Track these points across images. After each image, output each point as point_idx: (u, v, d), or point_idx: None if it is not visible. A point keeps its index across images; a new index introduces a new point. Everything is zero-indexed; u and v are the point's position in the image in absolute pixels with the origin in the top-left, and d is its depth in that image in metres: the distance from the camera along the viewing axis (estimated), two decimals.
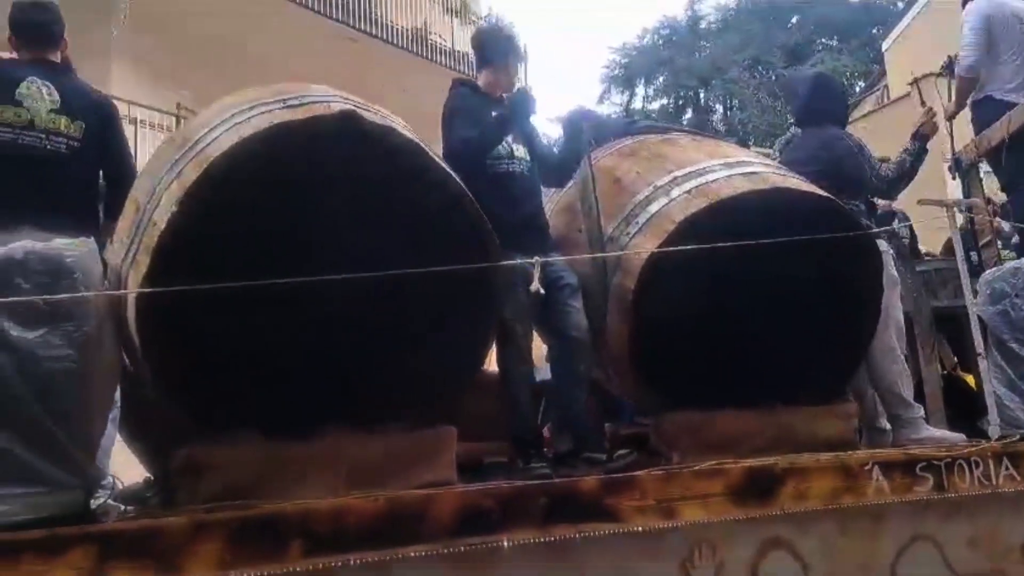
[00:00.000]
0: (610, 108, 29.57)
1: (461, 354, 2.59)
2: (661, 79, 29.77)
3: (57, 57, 2.95)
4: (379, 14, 12.45)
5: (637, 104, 30.09)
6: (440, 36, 13.92)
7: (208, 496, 2.22)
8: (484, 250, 2.53)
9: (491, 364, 2.95)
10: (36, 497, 2.06)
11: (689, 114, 28.95)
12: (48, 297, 2.09)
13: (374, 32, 12.16)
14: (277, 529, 2.04)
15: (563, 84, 36.60)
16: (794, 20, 28.91)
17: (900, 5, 21.87)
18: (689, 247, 2.67)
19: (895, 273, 3.47)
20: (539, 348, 3.14)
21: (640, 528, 2.31)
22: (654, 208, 2.91)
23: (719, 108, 29.36)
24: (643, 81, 30.22)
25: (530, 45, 15.64)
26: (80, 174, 2.85)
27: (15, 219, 2.57)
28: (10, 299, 2.09)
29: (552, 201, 3.45)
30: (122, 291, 2.28)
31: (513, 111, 3.04)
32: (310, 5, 11.28)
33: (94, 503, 2.27)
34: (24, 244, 2.20)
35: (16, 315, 2.12)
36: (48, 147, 2.78)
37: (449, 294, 2.47)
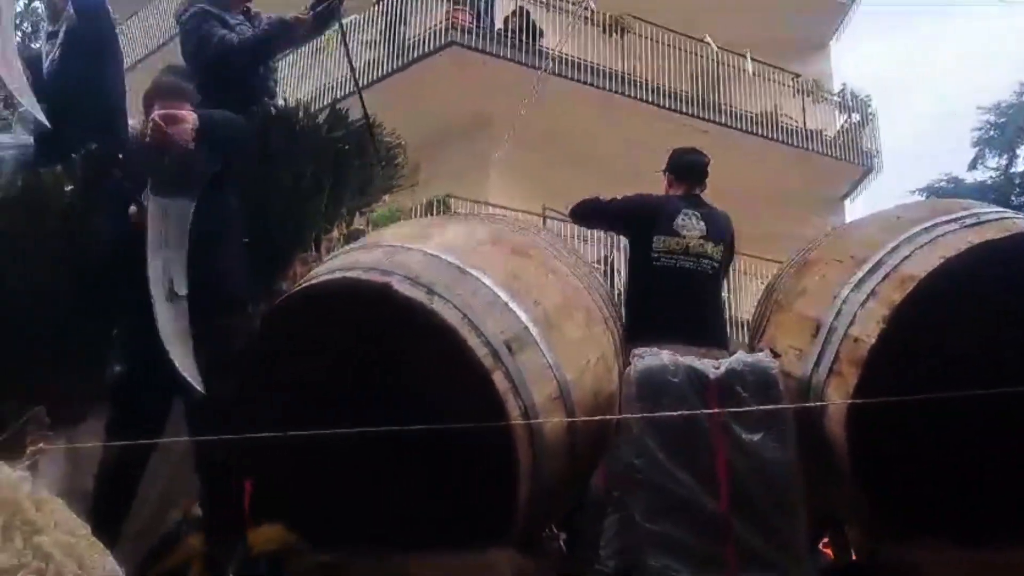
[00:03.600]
0: (985, 174, 26.64)
1: None
2: None
3: (703, 191, 3.42)
4: (727, 103, 12.79)
5: (1019, 167, 26.74)
6: (790, 117, 13.77)
7: None
8: None
9: None
10: None
11: None
12: (781, 407, 2.39)
13: (723, 121, 12.51)
14: None
15: (920, 152, 33.84)
16: None
17: None
18: None
19: None
20: None
21: None
22: None
23: None
24: None
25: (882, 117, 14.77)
26: (718, 291, 3.27)
27: (676, 331, 3.02)
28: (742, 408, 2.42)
29: None
30: (821, 402, 2.52)
31: None
32: (662, 104, 11.95)
33: None
34: (739, 358, 2.55)
35: (741, 420, 2.46)
36: (698, 269, 3.23)
37: None
